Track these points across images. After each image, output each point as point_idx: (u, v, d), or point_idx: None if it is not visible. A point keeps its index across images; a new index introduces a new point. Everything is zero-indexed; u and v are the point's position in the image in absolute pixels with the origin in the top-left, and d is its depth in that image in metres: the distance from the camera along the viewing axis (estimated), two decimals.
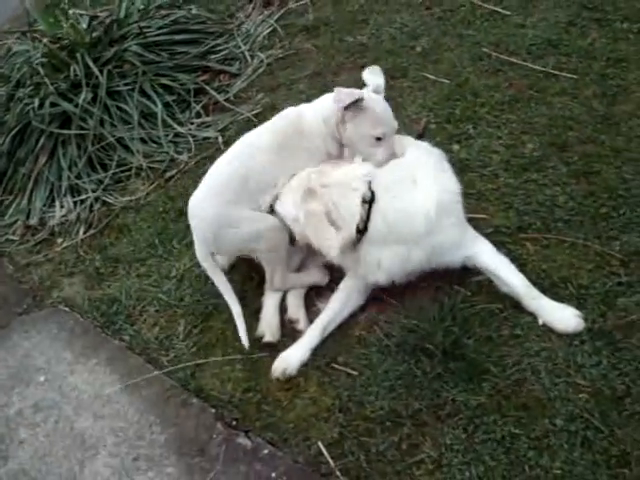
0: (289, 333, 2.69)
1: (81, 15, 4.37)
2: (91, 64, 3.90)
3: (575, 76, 3.34)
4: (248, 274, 2.94)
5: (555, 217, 2.76)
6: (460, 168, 3.02)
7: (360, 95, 2.55)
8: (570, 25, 3.66)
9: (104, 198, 3.63)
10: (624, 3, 3.65)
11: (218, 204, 2.64)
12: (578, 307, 2.44)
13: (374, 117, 2.59)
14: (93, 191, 3.65)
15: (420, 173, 2.53)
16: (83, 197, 3.67)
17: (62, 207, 3.67)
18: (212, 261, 2.74)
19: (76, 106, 3.79)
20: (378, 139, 2.59)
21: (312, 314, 2.72)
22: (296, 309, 2.74)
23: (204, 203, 2.69)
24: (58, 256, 3.44)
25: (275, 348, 2.64)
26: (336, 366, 2.52)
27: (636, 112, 3.08)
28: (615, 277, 2.51)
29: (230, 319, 2.78)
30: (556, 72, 3.40)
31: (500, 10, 3.89)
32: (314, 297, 2.79)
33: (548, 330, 2.42)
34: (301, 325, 2.67)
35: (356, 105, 2.54)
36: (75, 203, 3.66)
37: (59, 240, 3.54)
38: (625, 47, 3.42)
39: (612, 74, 3.31)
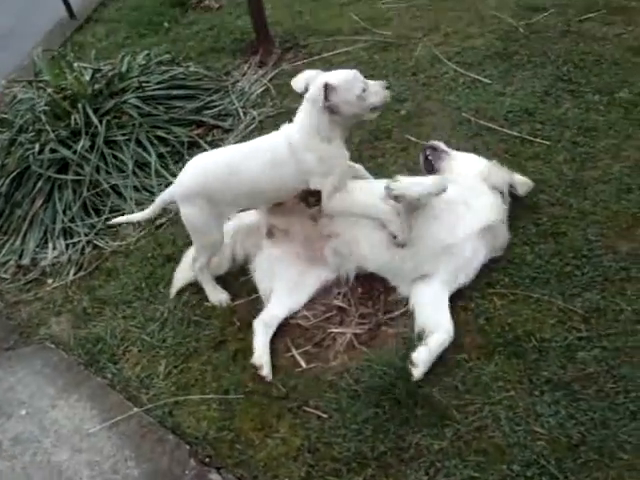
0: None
1: (85, 68, 4.58)
2: (91, 114, 4.09)
3: (548, 142, 3.53)
4: (229, 319, 3.07)
5: (522, 274, 2.90)
6: None
7: (321, 81, 2.82)
8: (546, 95, 3.87)
9: (95, 242, 3.75)
10: (595, 77, 3.87)
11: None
12: (539, 359, 2.58)
13: (346, 85, 2.83)
14: (85, 235, 3.78)
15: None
16: (75, 240, 3.79)
17: (54, 249, 3.80)
18: None
19: (74, 153, 3.96)
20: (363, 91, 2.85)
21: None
22: (261, 354, 2.84)
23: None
24: (47, 295, 3.54)
25: (250, 391, 2.75)
26: (307, 409, 2.63)
27: (603, 178, 3.25)
28: (576, 332, 2.65)
29: (209, 361, 2.91)
30: (530, 138, 3.58)
31: (481, 78, 4.11)
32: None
33: (512, 380, 2.54)
34: (265, 372, 2.77)
35: (329, 90, 2.78)
36: (67, 245, 3.78)
37: (49, 280, 3.65)
38: (595, 117, 3.62)
39: (582, 142, 3.49)
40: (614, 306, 2.70)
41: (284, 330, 2.96)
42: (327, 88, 2.78)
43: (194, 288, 3.27)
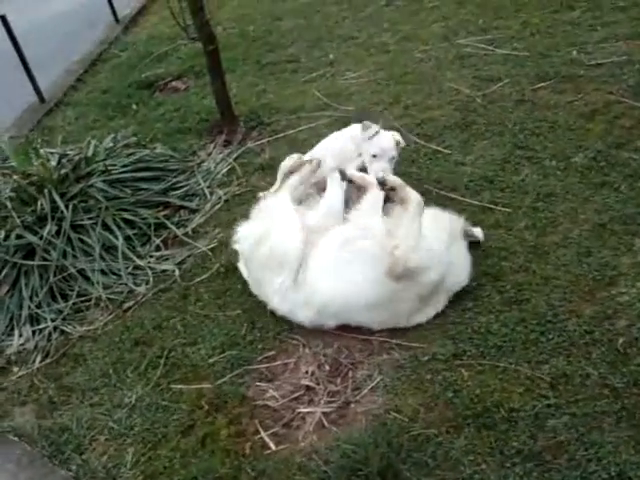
0: None
1: (52, 153, 4.64)
2: (57, 199, 4.11)
3: (508, 209, 3.60)
4: (197, 403, 3.03)
5: (488, 344, 2.91)
6: None
7: None
8: (505, 162, 3.97)
9: (63, 327, 3.70)
10: (551, 143, 3.99)
11: None
12: (509, 429, 2.56)
13: None
14: (52, 320, 3.74)
15: None
16: (42, 326, 3.73)
17: (20, 336, 3.74)
18: None
19: (40, 238, 3.95)
20: None
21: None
22: None
23: None
24: (12, 385, 3.46)
25: (220, 477, 2.68)
26: None
27: (563, 242, 3.31)
28: (544, 399, 2.64)
29: (177, 447, 2.85)
30: (491, 206, 3.66)
31: (442, 149, 4.22)
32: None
33: (482, 453, 2.51)
34: None
35: None
36: (34, 332, 3.73)
37: (15, 369, 3.57)
38: (553, 182, 3.71)
39: (542, 207, 3.57)
40: (580, 371, 2.70)
41: (252, 412, 2.92)
42: None
43: (163, 371, 3.24)
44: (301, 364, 3.08)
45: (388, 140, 3.61)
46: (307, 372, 3.03)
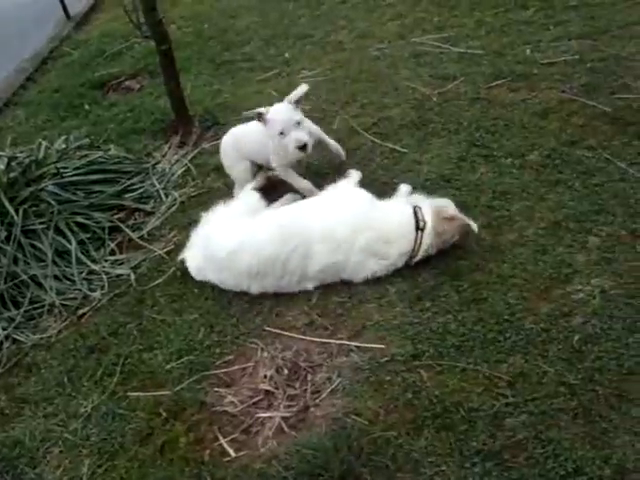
0: None
1: (0, 156, 4.51)
2: (7, 204, 4.00)
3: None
4: (155, 410, 2.97)
5: (447, 344, 2.91)
6: (358, 300, 3.21)
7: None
8: (461, 161, 3.98)
9: (15, 336, 3.60)
10: (507, 141, 4.01)
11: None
12: (468, 429, 2.56)
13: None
14: (4, 329, 3.63)
15: None
16: None
17: None
18: None
19: None
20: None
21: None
22: None
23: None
24: None
25: None
26: None
27: (519, 241, 3.33)
28: (503, 398, 2.65)
29: (135, 457, 2.80)
30: None
31: (398, 148, 4.21)
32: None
33: (442, 454, 2.52)
34: None
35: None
36: None
37: None
38: (509, 180, 3.73)
39: (498, 206, 3.58)
40: (537, 369, 2.72)
41: (211, 418, 2.88)
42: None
43: (119, 378, 3.18)
44: (260, 368, 3.05)
45: (280, 110, 3.65)
46: (266, 376, 3.00)
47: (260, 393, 2.93)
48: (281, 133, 3.58)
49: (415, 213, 3.32)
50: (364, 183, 3.78)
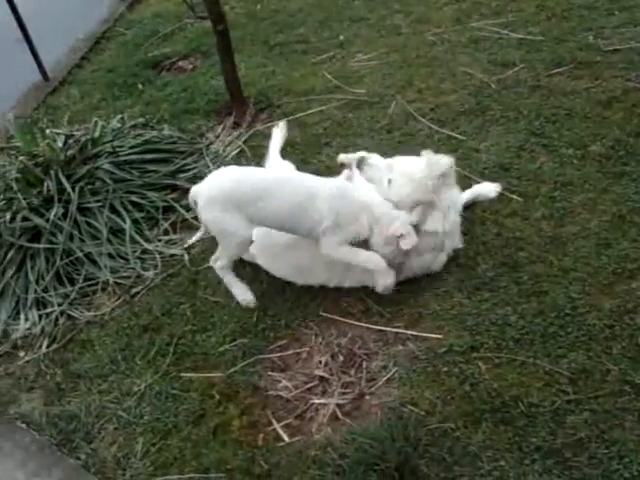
0: None
1: (58, 134, 4.55)
2: (64, 181, 4.03)
3: (525, 198, 3.53)
4: (208, 392, 2.98)
5: (506, 336, 2.86)
6: (416, 288, 3.16)
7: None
8: (520, 150, 3.88)
9: (69, 312, 3.64)
10: (568, 131, 3.90)
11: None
12: (528, 425, 2.51)
13: None
14: (59, 305, 3.67)
15: None
16: (49, 310, 3.67)
17: (27, 320, 3.68)
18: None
19: (47, 221, 3.88)
20: None
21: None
22: None
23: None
24: (19, 370, 3.41)
25: (232, 469, 2.65)
26: None
27: (581, 233, 3.24)
28: (564, 395, 2.60)
29: (188, 437, 2.82)
30: (508, 194, 3.58)
31: (456, 135, 4.13)
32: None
33: (500, 449, 2.47)
34: None
35: None
36: (40, 316, 3.66)
37: (21, 354, 3.51)
38: (570, 171, 3.63)
39: (559, 197, 3.50)
40: (601, 366, 2.66)
41: (265, 402, 2.88)
42: None
43: (172, 359, 3.19)
44: (314, 353, 3.04)
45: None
46: (320, 362, 2.99)
47: (314, 379, 2.92)
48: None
49: None
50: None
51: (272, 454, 2.67)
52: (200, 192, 3.22)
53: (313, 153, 4.22)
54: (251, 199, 3.09)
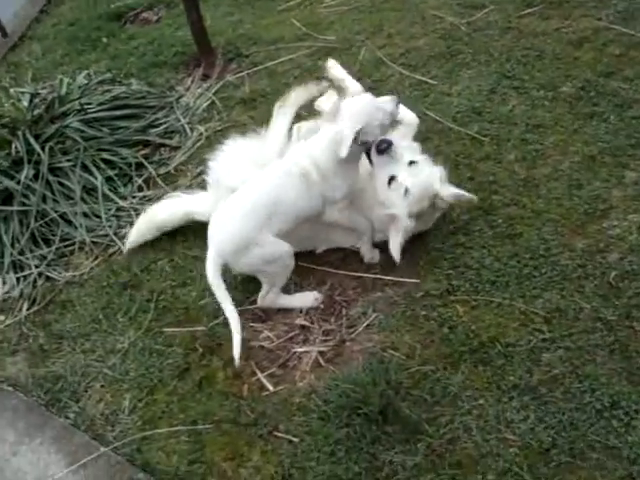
0: None
1: (22, 93, 4.45)
2: (32, 141, 3.96)
3: (497, 141, 3.56)
4: (191, 346, 3.02)
5: (482, 279, 2.92)
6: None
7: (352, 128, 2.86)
8: (491, 93, 3.88)
9: (47, 274, 3.63)
10: (539, 72, 3.90)
11: (244, 226, 2.89)
12: (505, 364, 2.59)
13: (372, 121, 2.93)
14: (36, 267, 3.65)
15: None
16: (26, 273, 3.65)
17: (4, 284, 3.66)
18: (220, 278, 2.88)
19: (18, 183, 3.83)
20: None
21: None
22: None
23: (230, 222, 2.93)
24: (1, 334, 3.41)
25: (219, 420, 2.71)
26: (278, 434, 2.60)
27: (553, 175, 3.28)
28: (539, 334, 2.67)
29: (174, 391, 2.86)
30: (480, 137, 3.60)
31: (427, 80, 4.11)
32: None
33: (480, 388, 2.55)
34: None
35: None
36: (18, 279, 3.65)
37: (2, 317, 3.50)
38: (542, 113, 3.64)
39: (531, 139, 3.52)
40: (574, 305, 2.73)
41: (248, 353, 2.91)
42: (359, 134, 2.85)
43: (154, 315, 3.22)
44: None
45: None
46: (301, 311, 3.03)
47: (296, 328, 2.98)
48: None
49: None
50: None
51: (257, 403, 2.73)
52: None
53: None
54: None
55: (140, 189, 3.96)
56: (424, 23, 4.61)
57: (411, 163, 3.01)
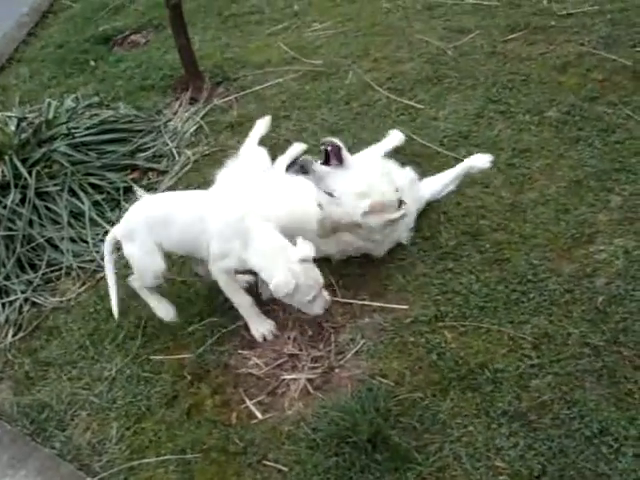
0: None
1: (10, 117, 4.45)
2: (19, 165, 3.96)
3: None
4: (179, 373, 3.00)
5: (470, 304, 2.92)
6: (379, 260, 3.20)
7: None
8: (478, 117, 3.92)
9: (34, 299, 3.60)
10: (524, 97, 3.94)
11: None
12: (494, 390, 2.59)
13: None
14: (22, 292, 3.63)
15: None
16: (12, 298, 3.62)
17: None
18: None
19: (4, 207, 3.82)
20: None
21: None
22: None
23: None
24: None
25: (208, 448, 2.68)
26: (267, 463, 2.58)
27: (540, 200, 3.31)
28: (527, 359, 2.67)
29: (162, 419, 2.84)
30: None
31: (414, 104, 4.14)
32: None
33: (469, 415, 2.54)
34: None
35: None
36: (4, 305, 3.61)
37: None
38: (528, 138, 3.68)
39: (518, 163, 3.55)
40: (562, 330, 2.73)
41: (236, 380, 2.91)
42: None
43: (141, 341, 3.19)
44: (283, 329, 3.06)
45: None
46: (289, 337, 3.02)
47: (284, 355, 2.96)
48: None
49: None
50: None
51: (246, 431, 2.70)
52: (117, 232, 3.21)
53: (272, 127, 4.17)
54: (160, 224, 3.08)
55: None
56: (410, 47, 4.66)
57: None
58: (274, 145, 4.02)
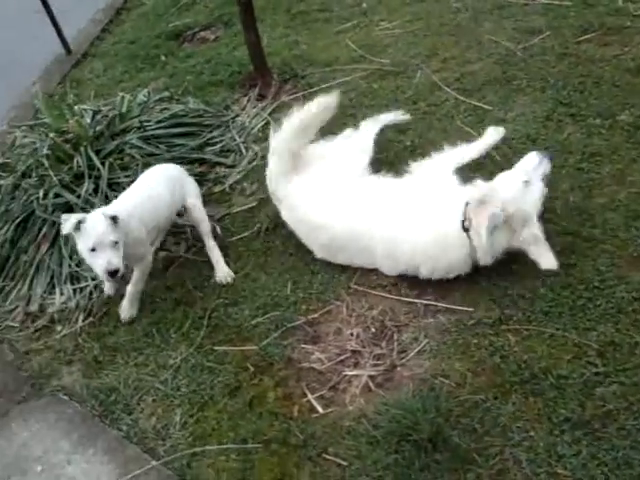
0: None
1: (85, 110, 4.59)
2: (93, 157, 4.08)
3: (551, 170, 3.53)
4: (242, 365, 3.06)
5: (535, 309, 2.89)
6: None
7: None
8: (547, 120, 3.86)
9: (103, 286, 3.73)
10: (596, 100, 3.86)
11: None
12: (557, 397, 2.56)
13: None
14: (92, 279, 3.75)
15: None
16: (82, 285, 3.76)
17: (62, 294, 3.76)
18: None
19: (78, 197, 3.94)
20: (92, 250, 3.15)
21: None
22: None
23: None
24: (57, 344, 3.50)
25: (268, 440, 2.73)
26: (327, 457, 2.61)
27: (610, 205, 3.24)
28: (592, 367, 2.63)
29: (225, 409, 2.91)
30: None
31: (482, 105, 4.11)
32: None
33: (530, 420, 2.53)
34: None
35: None
36: (75, 291, 3.75)
37: (58, 327, 3.60)
38: (598, 142, 3.61)
39: (587, 168, 3.49)
40: (629, 339, 2.69)
41: (299, 374, 2.95)
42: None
43: (206, 332, 3.27)
44: (346, 326, 3.09)
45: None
46: (352, 334, 3.04)
47: (346, 351, 2.98)
48: (93, 250, 3.15)
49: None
50: (449, 141, 3.71)
51: (307, 425, 2.74)
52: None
53: (339, 124, 4.18)
54: None
55: None
56: (480, 48, 4.62)
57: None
58: None
